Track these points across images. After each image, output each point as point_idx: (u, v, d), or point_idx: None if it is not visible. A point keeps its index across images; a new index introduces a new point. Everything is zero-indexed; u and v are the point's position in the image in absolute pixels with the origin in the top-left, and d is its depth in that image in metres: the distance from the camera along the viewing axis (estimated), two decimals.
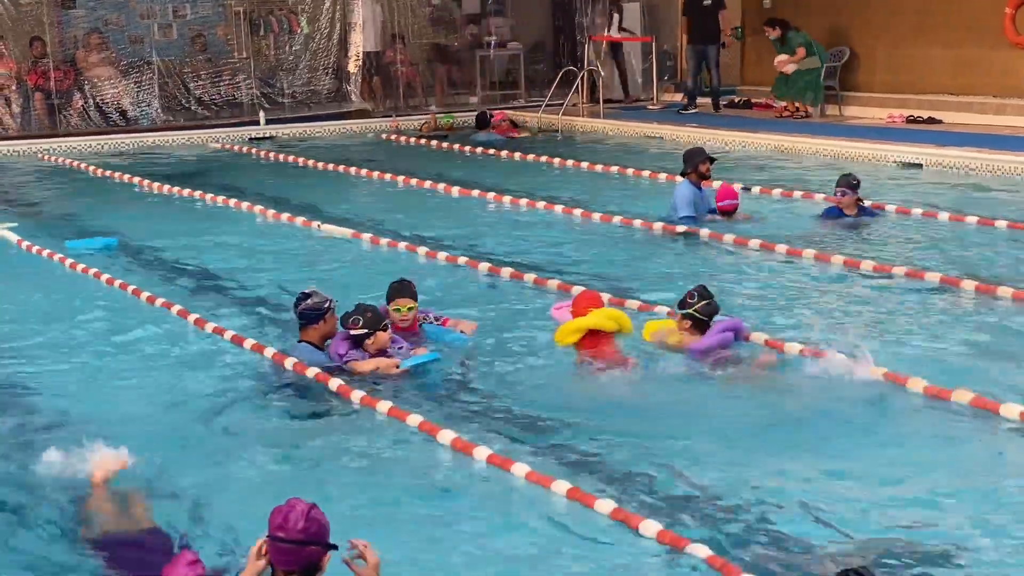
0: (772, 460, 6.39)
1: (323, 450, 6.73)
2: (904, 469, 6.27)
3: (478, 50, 23.21)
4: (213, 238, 12.36)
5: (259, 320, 9.34)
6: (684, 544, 5.36)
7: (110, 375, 8.23)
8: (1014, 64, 17.26)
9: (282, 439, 6.95)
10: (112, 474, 5.94)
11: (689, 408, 7.28)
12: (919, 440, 6.71)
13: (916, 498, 5.91)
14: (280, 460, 6.63)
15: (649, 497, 5.99)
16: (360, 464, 6.55)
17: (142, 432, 6.88)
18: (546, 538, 5.64)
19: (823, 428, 6.86)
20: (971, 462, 6.38)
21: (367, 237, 11.95)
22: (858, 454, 6.45)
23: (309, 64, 21.77)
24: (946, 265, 10.16)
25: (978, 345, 8.19)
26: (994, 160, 14.56)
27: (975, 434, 6.74)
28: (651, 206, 12.94)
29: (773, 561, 5.30)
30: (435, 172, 15.75)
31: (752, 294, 9.64)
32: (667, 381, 7.68)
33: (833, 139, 16.71)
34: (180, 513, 5.85)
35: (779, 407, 7.21)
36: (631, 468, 6.35)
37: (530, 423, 7.04)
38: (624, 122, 19.80)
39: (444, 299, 9.53)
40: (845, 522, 5.64)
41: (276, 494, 5.00)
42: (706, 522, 5.71)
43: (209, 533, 5.64)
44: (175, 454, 6.65)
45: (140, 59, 20.94)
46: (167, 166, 17.53)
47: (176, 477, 6.31)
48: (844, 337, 7.85)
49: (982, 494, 5.93)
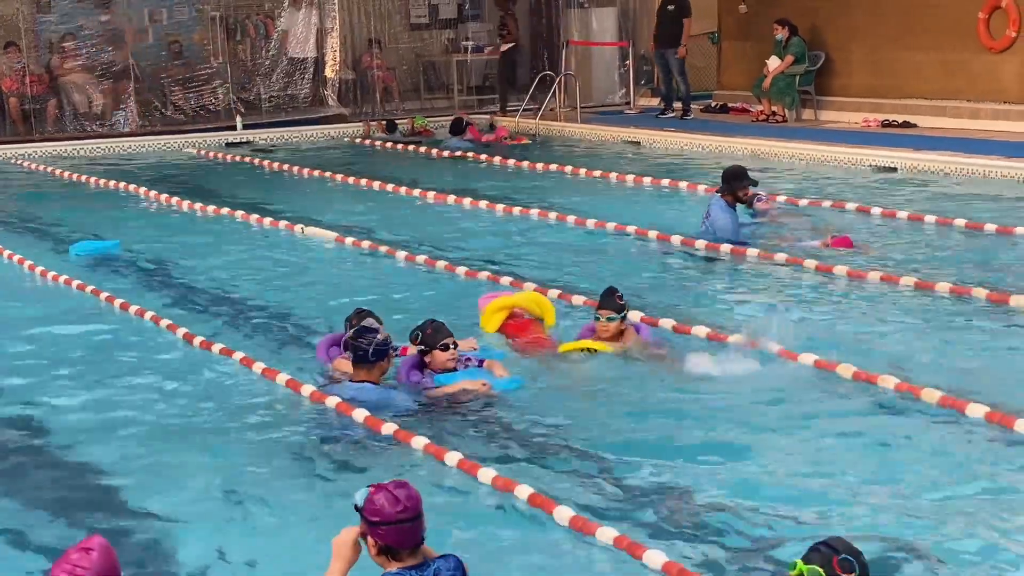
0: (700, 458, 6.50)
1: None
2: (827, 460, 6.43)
3: (455, 55, 23.23)
4: (192, 244, 12.36)
5: (275, 342, 9.01)
6: (641, 552, 5.38)
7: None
8: (988, 68, 17.36)
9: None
10: None
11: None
12: (849, 431, 6.84)
13: (845, 490, 6.04)
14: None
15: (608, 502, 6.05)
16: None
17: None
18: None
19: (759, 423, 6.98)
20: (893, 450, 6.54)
21: (349, 241, 11.96)
22: (790, 446, 6.60)
23: (286, 69, 21.73)
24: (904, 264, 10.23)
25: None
26: (968, 164, 14.64)
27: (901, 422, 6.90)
28: (633, 212, 13.02)
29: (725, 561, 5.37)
30: (412, 177, 15.75)
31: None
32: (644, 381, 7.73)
33: (809, 143, 16.77)
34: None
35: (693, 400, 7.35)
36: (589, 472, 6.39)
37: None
38: (601, 126, 19.83)
39: (428, 306, 9.54)
40: (795, 517, 5.73)
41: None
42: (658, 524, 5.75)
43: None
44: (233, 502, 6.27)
45: (116, 65, 20.85)
46: (143, 171, 17.47)
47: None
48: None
49: (930, 485, 6.06)
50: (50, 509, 6.21)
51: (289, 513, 6.06)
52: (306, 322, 9.40)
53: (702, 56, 22.50)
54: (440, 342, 7.43)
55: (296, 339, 8.98)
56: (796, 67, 19.06)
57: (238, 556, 5.63)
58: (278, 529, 5.92)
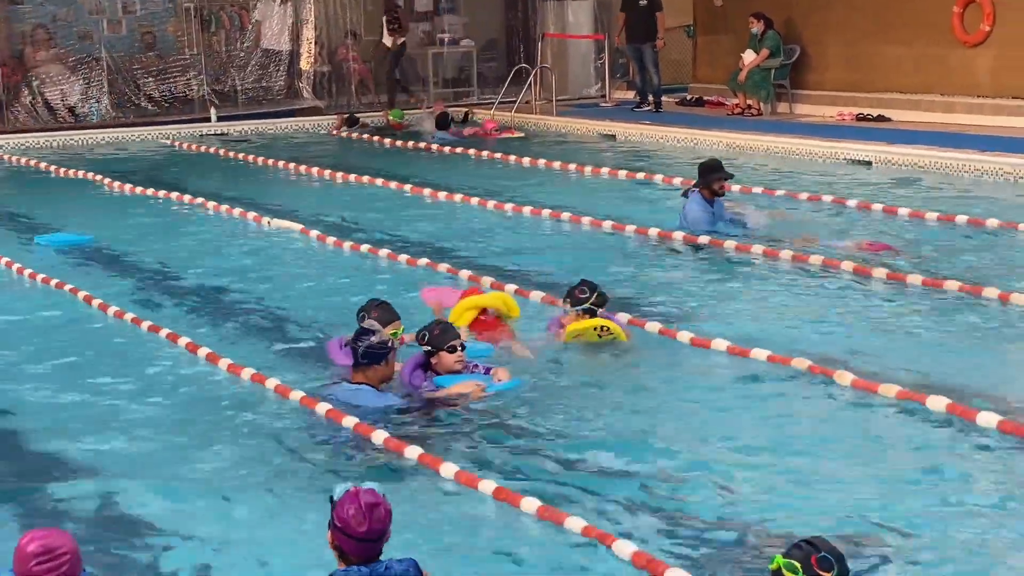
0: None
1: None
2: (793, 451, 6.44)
3: (431, 47, 23.16)
4: (160, 235, 12.30)
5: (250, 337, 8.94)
6: (611, 541, 5.36)
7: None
8: (962, 63, 17.39)
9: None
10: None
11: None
12: (801, 420, 6.92)
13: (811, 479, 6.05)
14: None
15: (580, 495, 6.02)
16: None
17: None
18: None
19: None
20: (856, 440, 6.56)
21: (315, 234, 11.90)
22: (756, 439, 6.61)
23: (260, 61, 21.63)
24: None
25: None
26: (942, 158, 14.67)
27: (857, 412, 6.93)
28: (609, 205, 13.02)
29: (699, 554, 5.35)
30: (390, 170, 15.70)
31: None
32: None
33: (784, 136, 16.77)
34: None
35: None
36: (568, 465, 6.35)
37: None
38: (577, 119, 19.81)
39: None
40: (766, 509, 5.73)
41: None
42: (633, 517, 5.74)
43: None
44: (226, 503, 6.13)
45: (89, 55, 20.74)
46: (117, 163, 17.37)
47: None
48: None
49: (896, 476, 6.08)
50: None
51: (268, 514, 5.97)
52: (275, 314, 9.37)
53: (678, 50, 22.48)
54: (447, 343, 7.28)
55: (262, 331, 8.95)
56: (771, 61, 19.06)
57: (226, 560, 5.51)
58: (262, 532, 5.82)
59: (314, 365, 8.06)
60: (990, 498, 5.85)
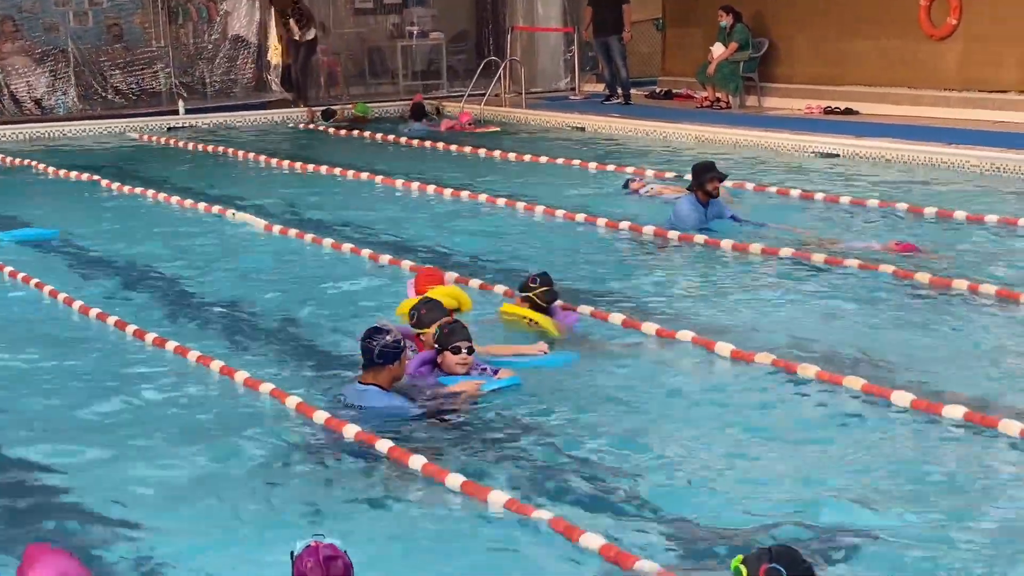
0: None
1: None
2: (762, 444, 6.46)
3: (399, 40, 23.11)
4: (127, 229, 12.23)
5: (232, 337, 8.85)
6: (580, 534, 5.36)
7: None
8: (930, 56, 17.48)
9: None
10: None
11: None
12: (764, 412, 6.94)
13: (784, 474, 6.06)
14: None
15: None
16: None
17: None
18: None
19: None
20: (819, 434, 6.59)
21: (277, 228, 11.86)
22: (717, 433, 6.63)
23: (228, 53, 21.52)
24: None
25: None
26: (909, 150, 14.75)
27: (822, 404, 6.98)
28: (579, 198, 13.00)
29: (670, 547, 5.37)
30: (366, 163, 15.68)
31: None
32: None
33: (753, 129, 16.83)
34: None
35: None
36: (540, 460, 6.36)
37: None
38: (547, 112, 19.80)
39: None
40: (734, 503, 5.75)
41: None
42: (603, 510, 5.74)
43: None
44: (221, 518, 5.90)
45: (55, 47, 20.59)
46: (83, 156, 17.27)
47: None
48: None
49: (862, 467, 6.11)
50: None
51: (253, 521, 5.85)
52: (238, 307, 9.36)
53: (647, 42, 22.53)
54: (452, 344, 7.10)
55: (226, 324, 8.93)
56: (740, 54, 19.11)
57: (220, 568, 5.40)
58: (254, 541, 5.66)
59: (288, 358, 8.08)
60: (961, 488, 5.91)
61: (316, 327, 8.80)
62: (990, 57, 16.70)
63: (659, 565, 5.08)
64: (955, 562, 5.16)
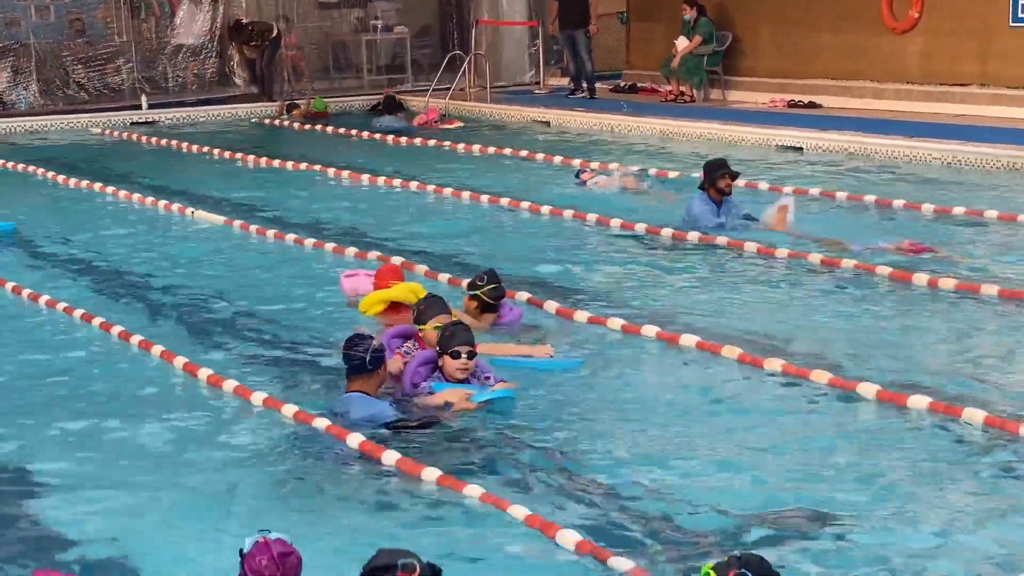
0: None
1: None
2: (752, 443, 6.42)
3: (364, 34, 23.04)
4: (91, 224, 12.17)
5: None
6: (555, 531, 5.35)
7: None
8: (892, 49, 17.58)
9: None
10: None
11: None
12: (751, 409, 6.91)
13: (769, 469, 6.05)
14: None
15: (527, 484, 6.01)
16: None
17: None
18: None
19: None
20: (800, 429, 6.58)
21: (237, 224, 11.80)
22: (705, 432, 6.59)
23: (192, 47, 21.40)
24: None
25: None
26: (871, 143, 14.83)
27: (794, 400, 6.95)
28: (546, 192, 13.02)
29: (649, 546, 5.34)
30: (325, 157, 15.64)
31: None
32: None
33: (717, 123, 16.87)
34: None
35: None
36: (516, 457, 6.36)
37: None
38: (511, 106, 19.80)
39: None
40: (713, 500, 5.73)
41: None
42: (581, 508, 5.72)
43: None
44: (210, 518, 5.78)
45: (16, 42, 20.43)
46: (44, 151, 17.15)
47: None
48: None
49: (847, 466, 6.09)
50: None
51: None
52: (199, 303, 9.33)
53: (611, 36, 22.54)
54: (451, 348, 6.82)
55: (189, 321, 8.90)
56: (704, 47, 19.16)
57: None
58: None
59: (255, 352, 8.07)
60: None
61: (280, 323, 8.75)
62: (951, 51, 16.82)
63: (633, 563, 5.07)
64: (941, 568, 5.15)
